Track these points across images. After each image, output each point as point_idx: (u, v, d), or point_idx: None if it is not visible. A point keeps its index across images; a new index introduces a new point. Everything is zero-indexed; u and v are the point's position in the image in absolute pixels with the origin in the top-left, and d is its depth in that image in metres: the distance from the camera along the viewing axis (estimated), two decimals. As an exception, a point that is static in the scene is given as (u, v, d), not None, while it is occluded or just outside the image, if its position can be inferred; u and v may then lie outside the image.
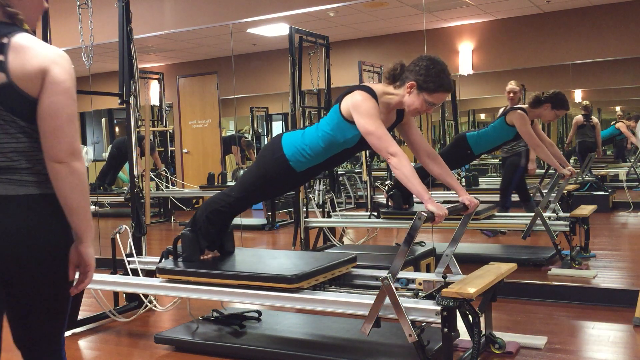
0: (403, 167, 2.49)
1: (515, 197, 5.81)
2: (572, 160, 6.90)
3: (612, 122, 7.21)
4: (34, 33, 1.67)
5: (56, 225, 1.58)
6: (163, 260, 3.24)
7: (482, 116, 7.76)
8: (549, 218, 4.52)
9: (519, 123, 4.58)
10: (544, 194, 4.79)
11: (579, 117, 6.96)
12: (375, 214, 5.11)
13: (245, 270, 2.92)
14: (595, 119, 6.93)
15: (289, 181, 2.98)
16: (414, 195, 4.98)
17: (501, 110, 5.23)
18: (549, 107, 4.63)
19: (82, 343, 3.38)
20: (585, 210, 4.56)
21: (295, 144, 2.81)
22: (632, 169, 6.99)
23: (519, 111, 4.61)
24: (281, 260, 3.17)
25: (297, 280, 2.70)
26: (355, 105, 2.59)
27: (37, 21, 1.74)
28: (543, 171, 5.69)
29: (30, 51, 1.53)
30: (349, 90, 2.69)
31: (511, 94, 5.24)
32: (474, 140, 4.82)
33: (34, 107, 1.54)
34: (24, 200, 1.54)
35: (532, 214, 4.50)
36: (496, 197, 5.22)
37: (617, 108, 7.33)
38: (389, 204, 5.07)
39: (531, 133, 4.59)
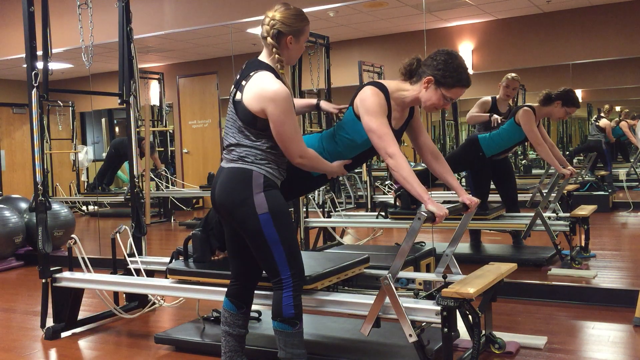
0: (401, 169, 2.46)
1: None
2: (575, 160, 6.89)
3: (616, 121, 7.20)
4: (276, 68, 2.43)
5: (235, 185, 2.37)
6: (173, 260, 3.21)
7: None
8: (549, 218, 4.52)
9: (523, 120, 4.54)
10: (544, 194, 4.79)
11: None
12: (383, 214, 5.09)
13: None
14: None
15: (305, 184, 2.88)
16: None
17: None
18: (559, 105, 4.58)
19: (82, 343, 3.38)
20: (585, 210, 4.56)
21: (312, 148, 2.69)
22: (632, 169, 6.99)
23: (525, 108, 4.57)
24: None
25: (311, 281, 2.65)
26: (362, 99, 2.55)
27: (297, 59, 2.53)
28: (543, 171, 5.69)
29: (255, 83, 2.33)
30: (361, 86, 2.64)
31: (511, 89, 5.02)
32: (486, 142, 4.76)
33: (251, 116, 2.33)
34: (226, 170, 2.42)
35: (532, 214, 4.50)
36: (498, 197, 5.20)
37: (617, 108, 7.33)
38: (397, 204, 5.04)
39: (535, 131, 4.54)
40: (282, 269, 2.37)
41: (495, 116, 4.85)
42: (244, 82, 2.37)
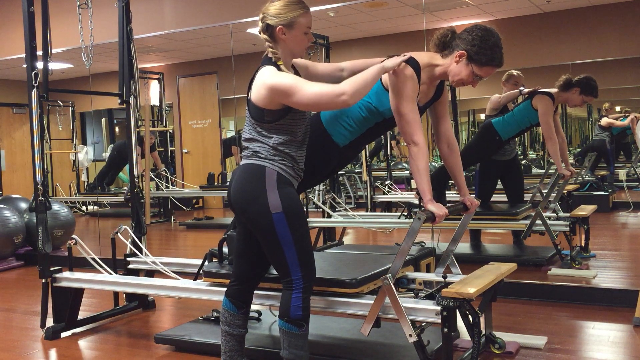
0: (419, 160, 2.43)
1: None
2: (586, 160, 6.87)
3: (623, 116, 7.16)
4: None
5: (249, 182, 2.36)
6: (206, 262, 3.15)
7: (482, 116, 7.74)
8: (549, 218, 4.51)
9: (541, 109, 4.50)
10: (544, 194, 4.78)
11: None
12: (406, 214, 5.07)
13: None
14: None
15: (332, 159, 2.72)
16: (445, 197, 4.90)
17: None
18: (577, 92, 4.54)
19: (82, 343, 3.38)
20: (585, 210, 4.55)
21: (335, 116, 2.66)
22: (633, 169, 6.99)
23: (546, 97, 4.52)
24: (334, 262, 3.00)
25: (357, 284, 2.60)
26: (394, 80, 2.47)
27: (304, 52, 2.46)
28: (543, 171, 5.68)
29: (257, 78, 2.35)
30: (392, 57, 2.54)
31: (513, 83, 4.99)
32: (501, 126, 4.71)
33: (258, 110, 2.34)
34: (241, 167, 2.42)
35: (532, 214, 4.49)
36: (503, 197, 5.18)
37: (617, 108, 7.32)
38: (421, 204, 4.98)
39: (550, 123, 4.49)
40: (293, 269, 2.35)
41: (525, 90, 4.79)
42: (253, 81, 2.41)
